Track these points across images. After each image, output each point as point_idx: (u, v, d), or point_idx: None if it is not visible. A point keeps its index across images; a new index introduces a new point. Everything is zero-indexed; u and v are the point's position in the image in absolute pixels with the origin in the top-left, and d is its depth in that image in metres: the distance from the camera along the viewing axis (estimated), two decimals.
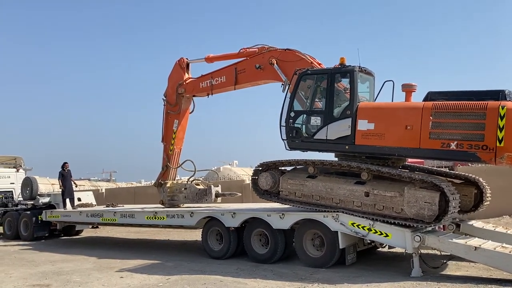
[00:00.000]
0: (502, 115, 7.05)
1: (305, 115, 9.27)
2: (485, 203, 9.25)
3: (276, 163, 9.61)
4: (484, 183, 9.28)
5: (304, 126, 9.23)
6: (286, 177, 9.36)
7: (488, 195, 9.23)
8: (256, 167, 10.05)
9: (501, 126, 7.04)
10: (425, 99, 8.12)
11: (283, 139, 9.41)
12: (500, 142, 7.05)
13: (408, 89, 8.59)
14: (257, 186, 9.72)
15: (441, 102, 7.71)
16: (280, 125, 9.38)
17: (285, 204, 9.43)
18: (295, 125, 9.26)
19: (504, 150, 7.05)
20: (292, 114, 9.28)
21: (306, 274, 8.09)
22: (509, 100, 7.37)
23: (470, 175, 9.42)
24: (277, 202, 9.47)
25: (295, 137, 9.24)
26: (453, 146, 7.46)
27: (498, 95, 7.41)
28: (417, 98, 8.47)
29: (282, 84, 9.91)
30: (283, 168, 9.75)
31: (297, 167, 9.62)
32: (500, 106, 7.11)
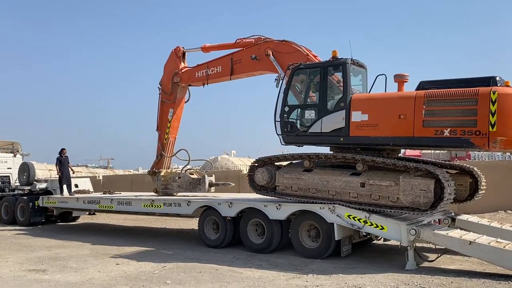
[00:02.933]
0: (493, 100, 7.12)
1: (299, 109, 9.28)
2: (481, 192, 9.36)
3: (272, 158, 9.65)
4: (479, 172, 9.38)
5: (298, 120, 9.24)
6: (282, 171, 9.38)
7: (483, 183, 9.35)
8: (252, 163, 10.07)
9: (493, 111, 7.11)
10: (418, 89, 8.14)
11: (278, 134, 9.43)
12: (492, 127, 7.11)
13: (400, 79, 8.64)
14: (254, 182, 9.73)
15: (433, 91, 7.75)
16: (275, 120, 9.38)
17: (282, 198, 9.45)
18: (290, 119, 9.26)
19: (496, 135, 7.11)
20: (287, 108, 9.29)
21: (301, 265, 8.14)
22: (500, 86, 7.41)
23: (465, 164, 9.48)
24: (274, 197, 9.46)
25: (290, 132, 9.25)
26: (446, 133, 7.51)
27: (489, 81, 7.46)
28: (410, 89, 8.50)
29: (275, 79, 9.87)
30: (279, 163, 9.78)
31: (293, 161, 9.66)
32: (491, 92, 7.17)
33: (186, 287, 6.82)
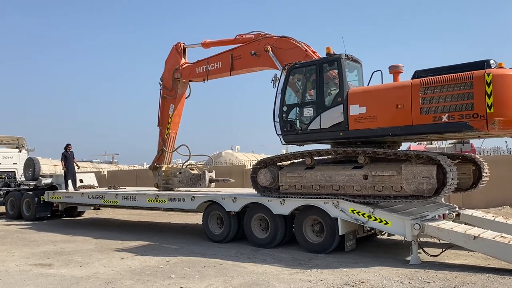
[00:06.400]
0: (488, 82, 7.11)
1: (297, 108, 9.31)
2: (484, 179, 9.40)
3: (274, 158, 9.70)
4: (481, 159, 9.42)
5: (297, 118, 9.26)
6: (285, 171, 9.39)
7: (486, 170, 9.39)
8: (254, 165, 10.09)
9: (488, 93, 7.10)
10: (413, 78, 8.13)
11: (278, 134, 9.46)
12: (489, 108, 7.10)
13: (395, 70, 8.69)
14: (257, 184, 9.74)
15: (428, 78, 7.75)
16: (274, 121, 9.41)
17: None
18: (289, 119, 9.29)
19: (494, 116, 7.10)
20: (285, 108, 9.33)
21: (305, 259, 8.15)
22: (494, 68, 7.41)
23: (466, 153, 9.47)
24: (278, 197, 9.43)
25: (289, 131, 9.27)
26: (444, 118, 7.51)
27: (483, 65, 7.46)
28: (405, 79, 8.47)
29: (272, 80, 9.87)
30: (281, 163, 9.78)
31: (295, 161, 9.67)
32: (485, 74, 7.17)
33: (190, 281, 6.85)
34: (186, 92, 13.14)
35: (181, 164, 13.55)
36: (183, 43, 12.87)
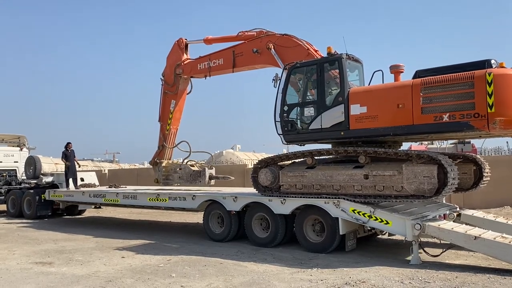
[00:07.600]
0: (489, 81, 7.12)
1: (298, 108, 9.33)
2: (485, 179, 9.40)
3: (275, 158, 9.71)
4: (482, 159, 9.42)
5: (298, 118, 9.27)
6: (286, 170, 9.39)
7: (487, 170, 9.39)
8: (254, 165, 10.10)
9: (490, 92, 7.11)
10: (414, 77, 8.14)
11: (279, 134, 9.47)
12: (490, 108, 7.11)
13: (396, 70, 8.70)
14: (258, 184, 9.74)
15: (429, 78, 7.75)
16: (275, 121, 9.41)
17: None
18: (290, 118, 9.30)
19: (495, 115, 7.10)
20: (286, 108, 9.34)
21: (306, 259, 8.16)
22: (495, 68, 7.41)
23: (467, 153, 9.48)
24: (279, 197, 9.43)
25: (290, 131, 9.28)
26: (445, 118, 7.51)
27: (484, 64, 7.47)
28: (406, 79, 8.47)
29: (273, 79, 9.87)
30: (281, 163, 9.80)
31: (296, 161, 9.67)
32: (486, 73, 7.18)
33: (191, 280, 6.86)
34: (188, 88, 13.14)
35: (182, 160, 13.58)
36: (185, 39, 12.86)
